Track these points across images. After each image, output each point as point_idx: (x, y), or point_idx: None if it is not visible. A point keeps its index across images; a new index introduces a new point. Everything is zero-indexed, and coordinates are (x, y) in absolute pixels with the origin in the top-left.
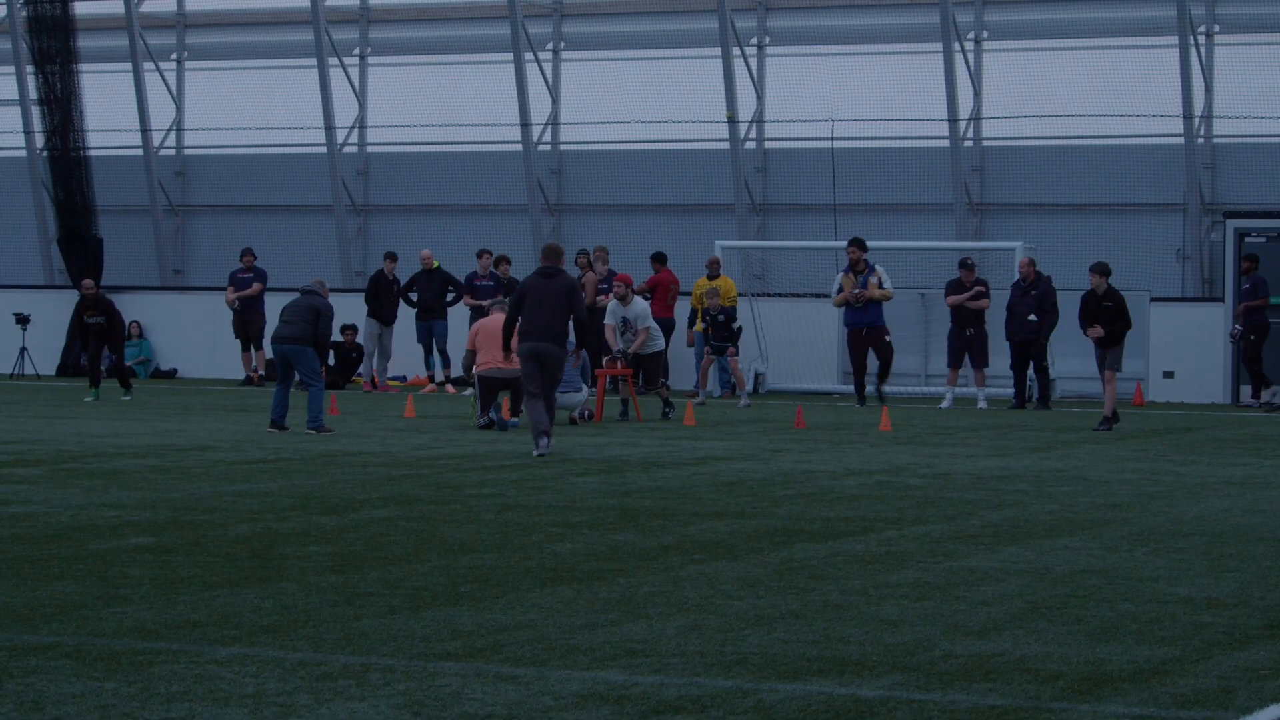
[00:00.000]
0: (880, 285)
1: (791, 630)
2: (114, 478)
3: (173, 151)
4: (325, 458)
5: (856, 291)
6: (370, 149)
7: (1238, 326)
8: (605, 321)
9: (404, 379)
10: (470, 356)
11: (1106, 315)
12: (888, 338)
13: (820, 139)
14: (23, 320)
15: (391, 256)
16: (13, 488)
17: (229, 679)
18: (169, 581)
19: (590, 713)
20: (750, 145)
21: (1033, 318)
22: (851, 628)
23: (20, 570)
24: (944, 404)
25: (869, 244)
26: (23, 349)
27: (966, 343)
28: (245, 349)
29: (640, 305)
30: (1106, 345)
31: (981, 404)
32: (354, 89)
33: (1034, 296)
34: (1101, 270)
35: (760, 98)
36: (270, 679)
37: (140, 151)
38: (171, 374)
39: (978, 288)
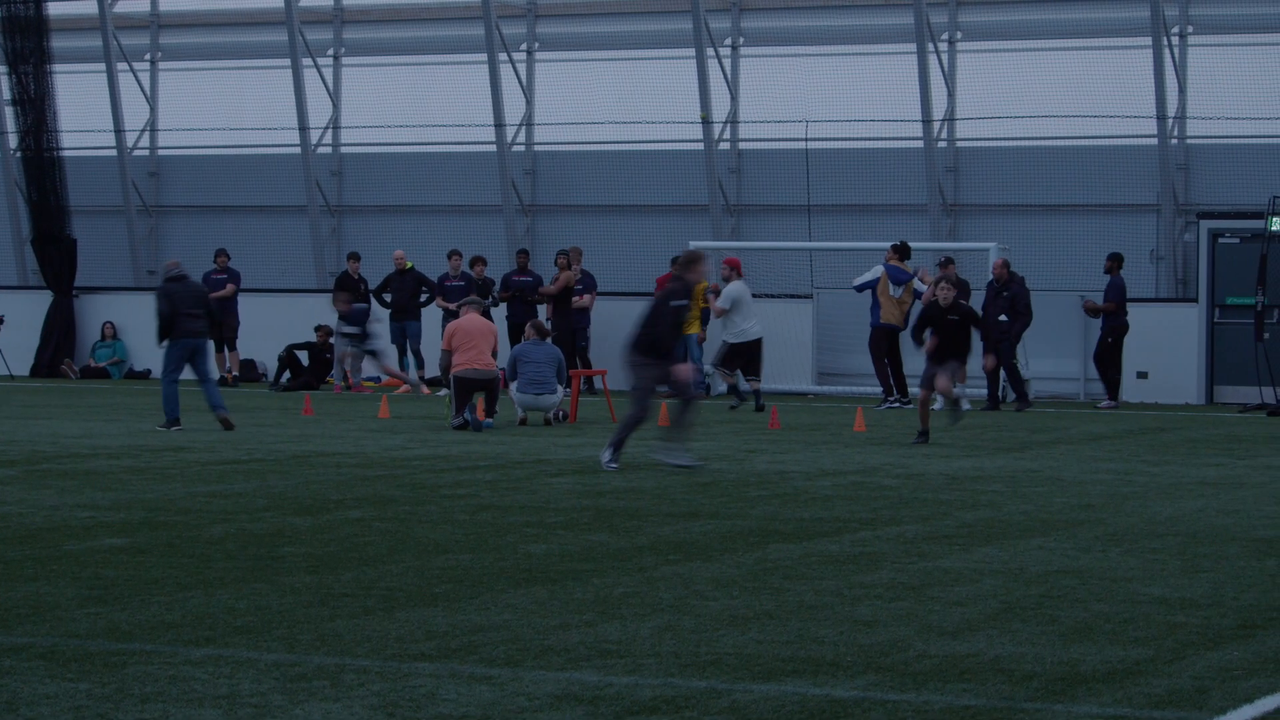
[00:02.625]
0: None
1: (766, 631)
2: (88, 478)
3: (146, 152)
4: (299, 458)
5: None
6: (344, 149)
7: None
8: (719, 305)
9: (378, 380)
10: (446, 357)
11: (948, 329)
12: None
13: (794, 140)
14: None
15: (354, 256)
16: None
17: (203, 680)
18: (143, 582)
19: (565, 713)
20: (724, 146)
21: (1003, 318)
22: (826, 628)
23: None
24: (937, 405)
25: (848, 244)
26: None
27: None
28: (219, 350)
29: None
30: (942, 361)
31: (965, 405)
32: (328, 89)
33: (1006, 298)
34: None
35: (734, 98)
36: (244, 680)
37: (114, 152)
38: (145, 375)
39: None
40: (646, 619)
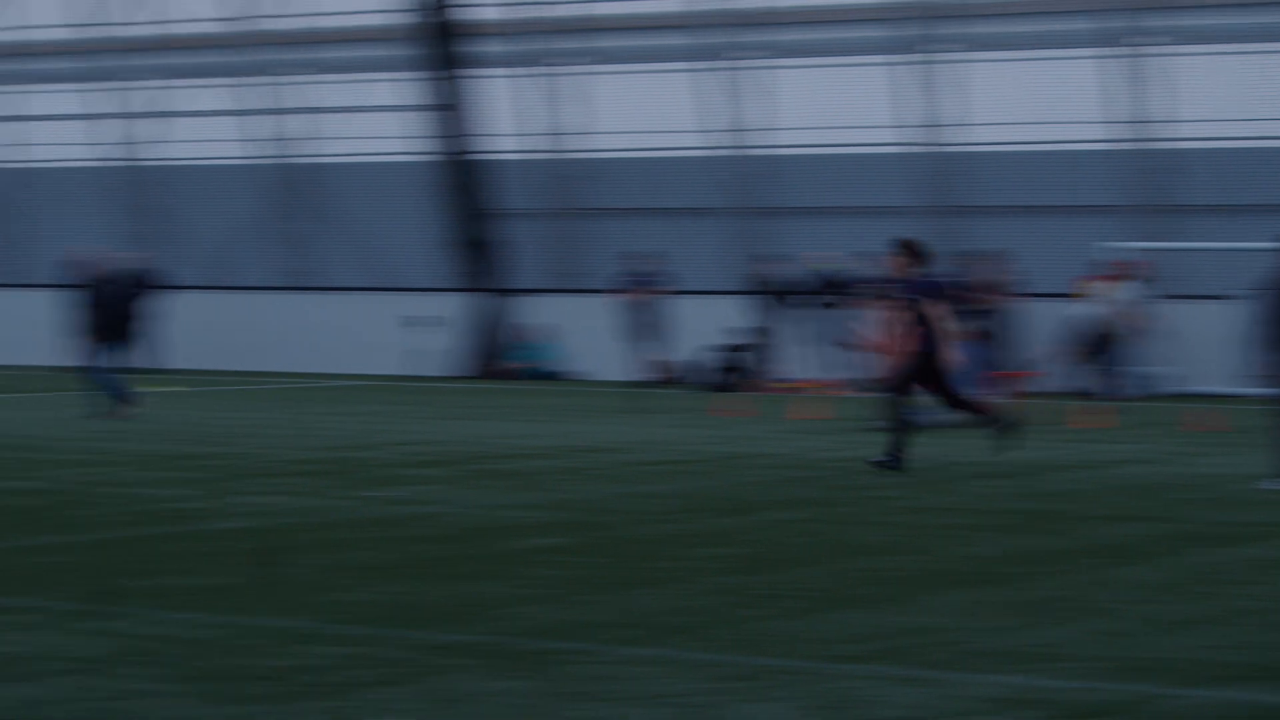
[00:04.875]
0: None
1: (1208, 636)
2: (521, 479)
3: (576, 155)
4: (723, 460)
5: None
6: (767, 152)
7: None
8: None
9: (803, 381)
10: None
11: None
12: None
13: None
14: (432, 323)
15: (773, 258)
16: (416, 488)
17: (638, 679)
18: (575, 582)
19: (1001, 718)
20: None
21: None
22: (1273, 634)
23: (430, 569)
24: None
25: None
26: (436, 351)
27: None
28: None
29: None
30: None
31: None
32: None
33: None
34: None
35: None
36: (677, 680)
37: (542, 156)
38: (573, 376)
39: None
40: (1081, 622)
